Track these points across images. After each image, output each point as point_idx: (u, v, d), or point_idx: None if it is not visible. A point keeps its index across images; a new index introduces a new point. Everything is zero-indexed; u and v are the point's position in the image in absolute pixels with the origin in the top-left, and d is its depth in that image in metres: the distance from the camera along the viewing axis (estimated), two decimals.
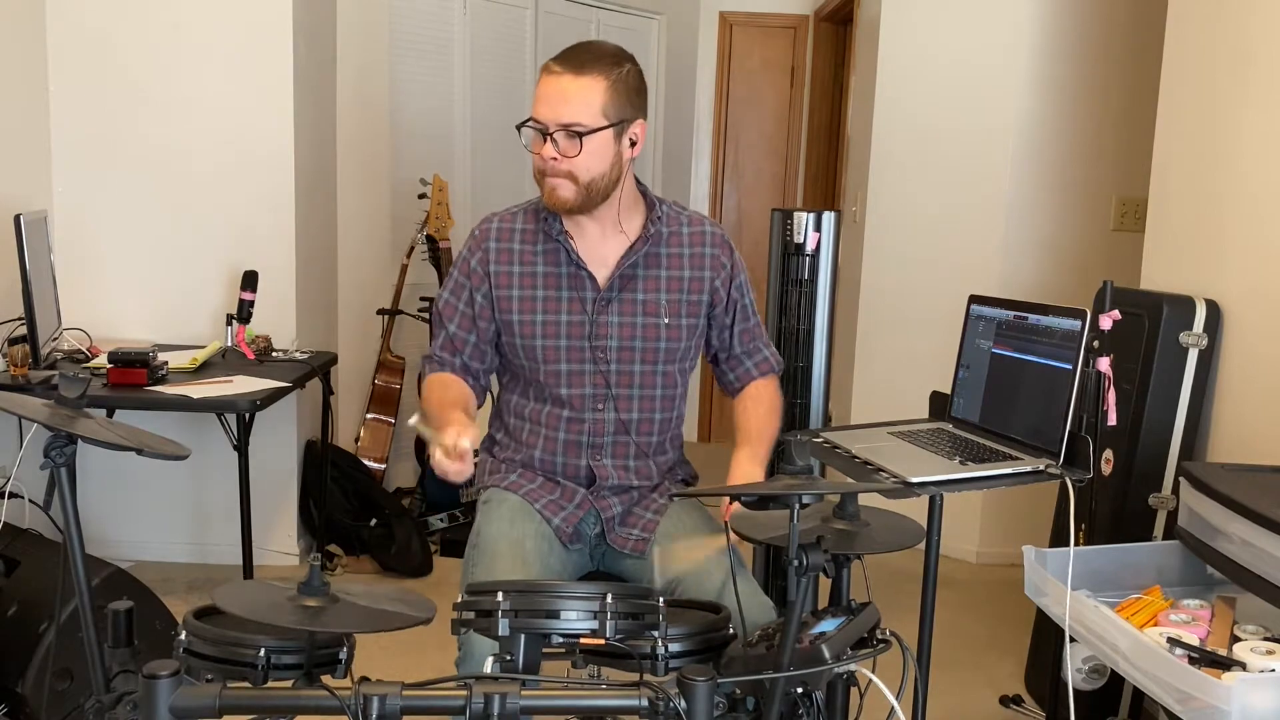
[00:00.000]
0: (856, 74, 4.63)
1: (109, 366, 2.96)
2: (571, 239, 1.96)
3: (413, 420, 1.62)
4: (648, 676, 1.32)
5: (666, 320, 1.98)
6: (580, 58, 1.86)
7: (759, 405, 2.06)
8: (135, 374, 2.95)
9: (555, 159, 1.86)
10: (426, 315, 4.10)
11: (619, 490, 2.00)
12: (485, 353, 2.01)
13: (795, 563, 1.30)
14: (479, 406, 2.04)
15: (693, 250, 2.02)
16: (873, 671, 1.40)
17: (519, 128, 1.91)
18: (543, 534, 1.92)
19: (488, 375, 2.05)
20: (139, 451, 1.39)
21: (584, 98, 1.84)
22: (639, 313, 1.97)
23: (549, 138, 1.85)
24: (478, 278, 1.98)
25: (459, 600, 1.39)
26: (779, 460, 1.93)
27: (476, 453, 1.74)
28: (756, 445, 1.98)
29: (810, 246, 2.86)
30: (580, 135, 1.84)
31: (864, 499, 1.62)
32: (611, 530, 1.98)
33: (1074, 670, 2.13)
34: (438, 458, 1.71)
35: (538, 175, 1.91)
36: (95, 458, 3.42)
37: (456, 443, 1.69)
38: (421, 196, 4.04)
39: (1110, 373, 2.14)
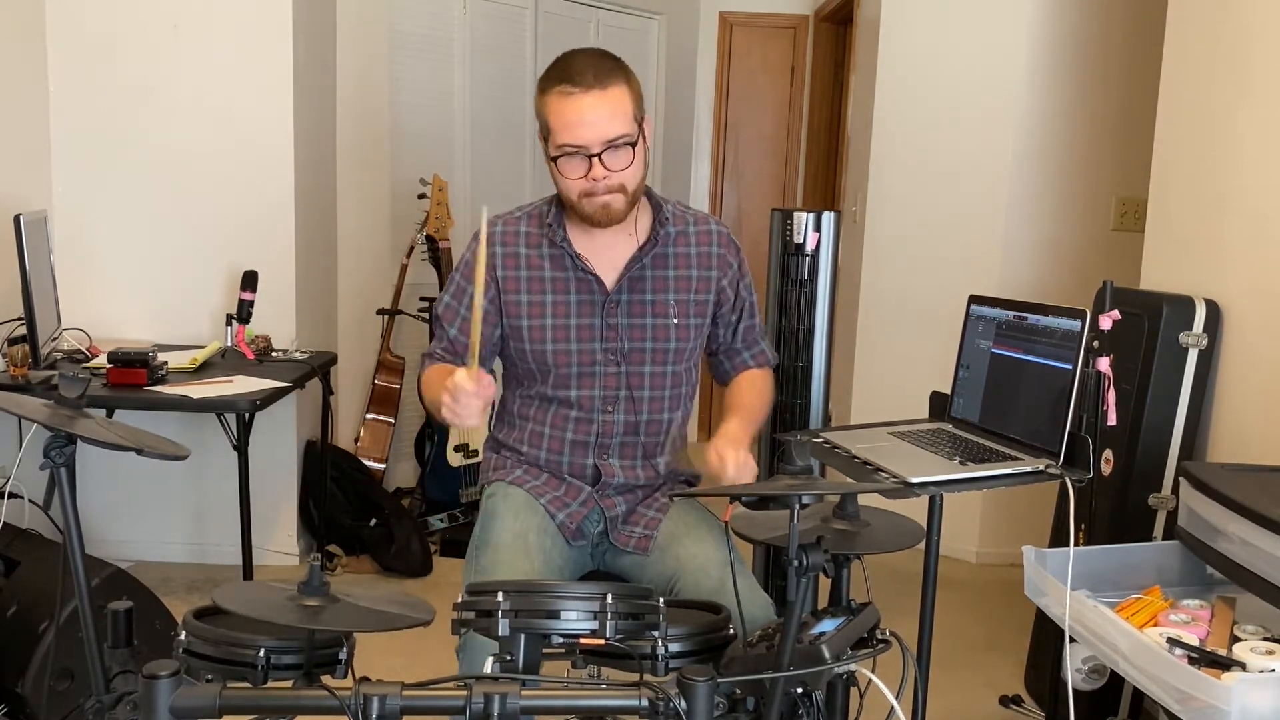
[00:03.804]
0: (856, 74, 4.63)
1: (109, 366, 2.96)
2: (577, 244, 1.95)
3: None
4: (648, 676, 1.32)
5: (675, 320, 1.98)
6: (592, 72, 1.81)
7: (753, 386, 2.08)
8: (135, 374, 2.95)
9: (608, 176, 1.84)
10: (426, 315, 4.10)
11: (624, 489, 2.00)
12: (485, 358, 1.99)
13: (795, 563, 1.30)
14: None
15: (700, 250, 2.02)
16: (873, 671, 1.40)
17: (553, 160, 1.84)
18: (546, 529, 1.92)
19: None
20: (139, 451, 1.39)
21: (619, 109, 1.82)
22: (648, 314, 1.97)
23: (595, 159, 1.82)
24: (486, 283, 1.96)
25: (459, 600, 1.39)
26: (779, 460, 1.93)
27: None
28: (745, 418, 1.99)
29: (810, 246, 2.86)
30: (632, 145, 1.84)
31: (864, 499, 1.62)
32: (615, 528, 1.98)
33: (1074, 670, 2.13)
34: (451, 393, 1.67)
35: (580, 197, 1.86)
36: (95, 458, 3.41)
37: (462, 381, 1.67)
38: (421, 196, 4.04)
39: (1110, 373, 2.14)
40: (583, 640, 1.35)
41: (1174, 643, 1.58)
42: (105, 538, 3.62)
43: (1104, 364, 2.13)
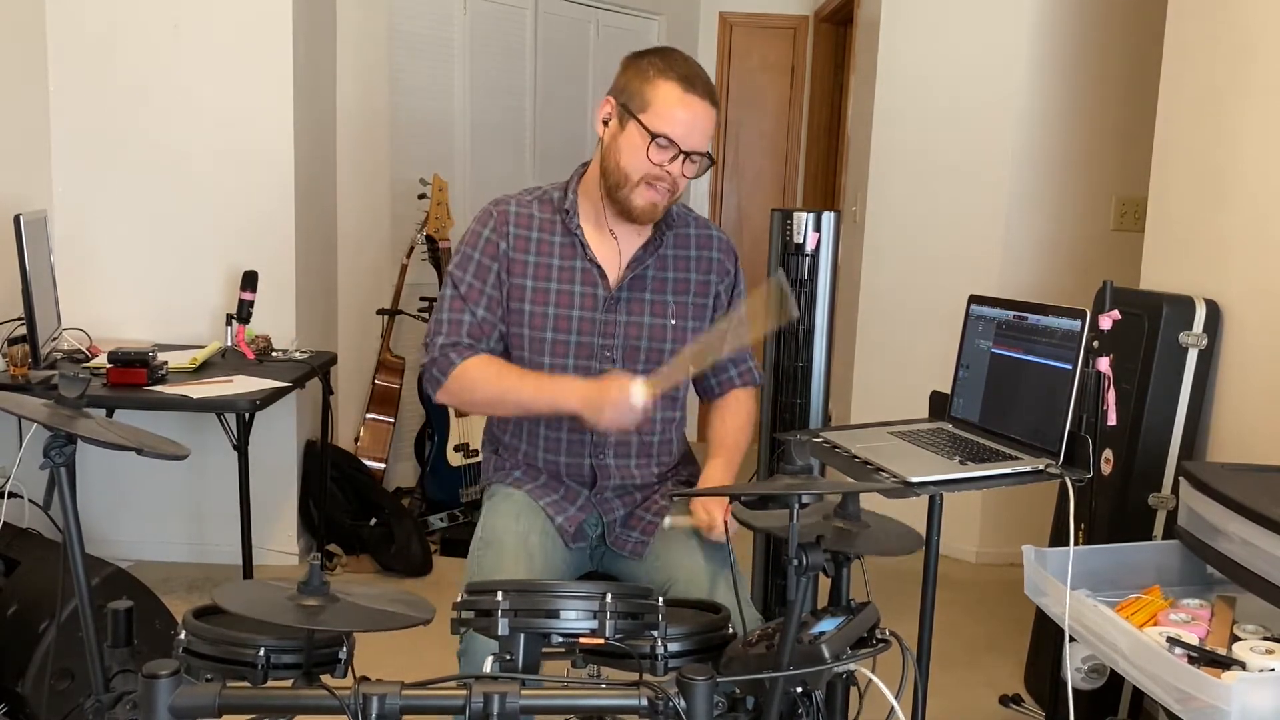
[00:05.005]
0: (856, 74, 4.63)
1: (109, 366, 2.96)
2: (587, 234, 1.96)
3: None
4: (647, 676, 1.32)
5: (673, 321, 1.98)
6: (707, 85, 1.87)
7: (737, 416, 2.06)
8: (135, 374, 2.95)
9: (678, 178, 1.88)
10: (427, 315, 4.10)
11: (622, 492, 2.00)
12: (494, 346, 1.97)
13: (795, 562, 1.30)
14: None
15: (699, 253, 2.02)
16: (872, 671, 1.40)
17: (654, 138, 1.83)
18: (546, 530, 1.93)
19: None
20: (139, 451, 1.39)
21: (712, 128, 1.89)
22: (646, 313, 1.97)
23: (680, 158, 1.86)
24: (503, 261, 1.94)
25: (459, 599, 1.39)
26: (779, 460, 1.93)
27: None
28: (731, 456, 1.99)
29: (810, 246, 2.86)
30: (711, 163, 1.90)
31: (865, 503, 1.62)
32: (613, 533, 1.98)
33: (1073, 670, 2.13)
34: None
35: (642, 180, 1.87)
36: (95, 458, 3.42)
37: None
38: (421, 196, 4.04)
39: (1110, 373, 2.14)
40: (582, 640, 1.35)
41: (1174, 642, 1.58)
42: (105, 538, 3.62)
43: (1104, 364, 2.13)
